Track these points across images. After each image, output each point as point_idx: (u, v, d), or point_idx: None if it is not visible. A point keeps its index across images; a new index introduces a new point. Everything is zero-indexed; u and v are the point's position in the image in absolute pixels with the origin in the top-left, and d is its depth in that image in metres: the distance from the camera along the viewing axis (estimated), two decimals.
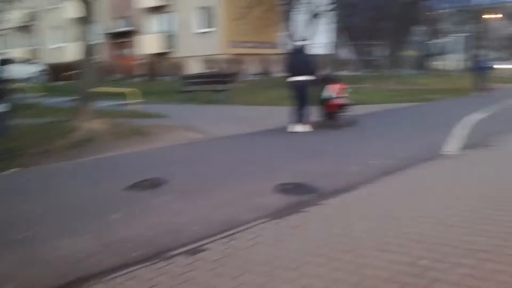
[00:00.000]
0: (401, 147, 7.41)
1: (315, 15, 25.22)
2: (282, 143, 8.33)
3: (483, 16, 41.62)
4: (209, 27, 27.56)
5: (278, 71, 24.59)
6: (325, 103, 9.97)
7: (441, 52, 54.01)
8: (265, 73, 28.27)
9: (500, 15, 43.08)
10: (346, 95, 9.99)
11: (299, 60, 9.90)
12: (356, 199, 4.38)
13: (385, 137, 8.62)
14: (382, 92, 20.98)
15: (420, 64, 47.18)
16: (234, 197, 4.68)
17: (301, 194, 4.75)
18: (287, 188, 4.96)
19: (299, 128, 9.54)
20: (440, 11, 43.93)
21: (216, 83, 16.58)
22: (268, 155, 7.18)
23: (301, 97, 9.72)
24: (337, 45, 30.24)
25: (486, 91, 20.37)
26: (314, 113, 9.93)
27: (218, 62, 26.27)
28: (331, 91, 9.91)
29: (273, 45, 28.44)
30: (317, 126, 9.79)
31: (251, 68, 28.17)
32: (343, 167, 6.05)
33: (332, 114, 9.92)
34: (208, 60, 27.03)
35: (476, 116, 10.72)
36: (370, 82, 24.58)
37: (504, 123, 9.48)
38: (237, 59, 26.44)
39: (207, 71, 25.14)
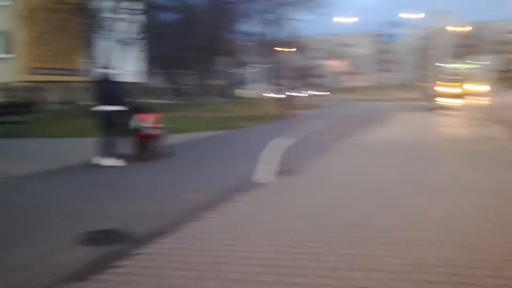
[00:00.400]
0: (216, 177, 7.24)
1: (123, 43, 24.46)
2: (88, 181, 7.45)
3: (279, 49, 45.62)
4: (4, 53, 24.61)
5: (83, 99, 23.05)
6: (136, 134, 9.35)
7: (246, 81, 57.78)
8: (70, 102, 26.28)
9: (294, 48, 47.79)
10: (160, 125, 9.53)
11: (107, 88, 9.14)
12: (174, 244, 3.91)
13: (199, 168, 8.41)
14: (193, 120, 21.11)
15: (227, 92, 49.56)
16: (25, 257, 3.78)
17: (111, 243, 4.08)
18: (94, 238, 4.23)
19: (108, 162, 8.73)
20: (242, 43, 46.87)
21: (12, 113, 14.62)
22: (71, 197, 6.27)
23: (110, 128, 8.96)
24: (148, 74, 29.80)
25: (289, 117, 22.12)
26: (126, 145, 9.25)
27: (15, 91, 23.48)
28: (143, 121, 9.36)
29: (77, 72, 26.64)
30: (128, 159, 9.13)
31: (54, 97, 25.91)
32: (158, 205, 5.55)
33: (145, 145, 9.33)
34: (4, 89, 23.97)
35: (284, 142, 11.28)
36: (182, 110, 24.63)
37: (308, 148, 10.10)
38: (37, 87, 24.01)
39: (2, 100, 22.23)
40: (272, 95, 47.16)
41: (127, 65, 24.33)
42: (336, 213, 4.43)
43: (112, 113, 8.93)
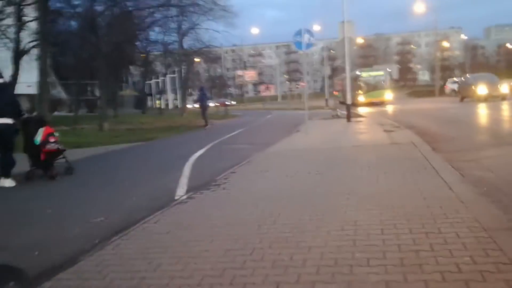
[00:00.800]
0: (128, 196, 6.59)
1: (19, 52, 22.65)
2: None
3: (190, 59, 45.17)
4: None
5: None
6: (35, 149, 8.41)
7: (159, 92, 56.49)
8: None
9: (206, 58, 47.53)
10: (56, 139, 8.65)
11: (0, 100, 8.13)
12: (75, 280, 3.29)
13: (110, 185, 7.72)
14: (103, 133, 20.02)
15: (140, 103, 48.05)
16: None
17: (1, 282, 3.40)
18: None
19: (4, 182, 7.79)
20: (154, 53, 45.83)
21: None
22: None
23: (4, 144, 8.00)
24: (51, 85, 27.89)
25: (204, 127, 21.76)
26: (22, 162, 8.29)
27: None
28: (45, 135, 8.45)
29: None
30: (26, 178, 8.20)
31: None
32: (60, 231, 4.88)
33: (43, 162, 8.42)
34: None
35: (200, 153, 10.83)
36: (89, 122, 23.32)
37: (226, 159, 9.70)
38: None
39: None
40: (186, 105, 46.50)
41: (24, 76, 22.54)
42: (261, 231, 4.05)
43: (7, 126, 7.98)
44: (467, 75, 33.83)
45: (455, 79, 46.46)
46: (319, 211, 4.58)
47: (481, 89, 26.74)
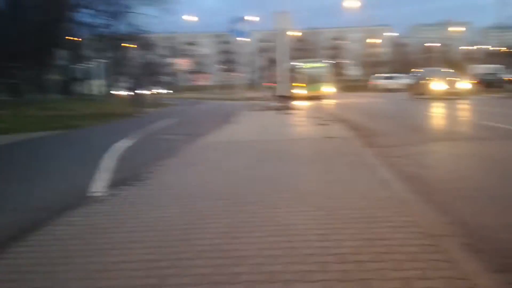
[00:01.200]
0: (37, 191, 5.86)
1: None
2: None
3: (121, 44, 43.42)
4: None
5: None
6: None
7: (86, 77, 53.90)
8: None
9: (138, 44, 45.87)
10: None
11: None
12: None
13: (20, 178, 6.91)
14: (23, 119, 18.58)
15: (66, 88, 45.58)
16: None
17: None
18: None
19: None
20: (83, 35, 43.56)
21: None
22: None
23: None
24: None
25: (135, 115, 20.87)
26: None
27: None
28: None
29: None
30: None
31: None
32: None
33: None
34: None
35: (127, 144, 10.13)
36: (9, 108, 21.63)
37: (154, 151, 9.13)
38: None
39: None
40: (116, 92, 44.68)
41: None
42: (187, 236, 3.59)
43: None
44: (421, 69, 30.96)
45: (379, 75, 49.71)
46: (252, 212, 4.18)
47: (437, 85, 24.58)
